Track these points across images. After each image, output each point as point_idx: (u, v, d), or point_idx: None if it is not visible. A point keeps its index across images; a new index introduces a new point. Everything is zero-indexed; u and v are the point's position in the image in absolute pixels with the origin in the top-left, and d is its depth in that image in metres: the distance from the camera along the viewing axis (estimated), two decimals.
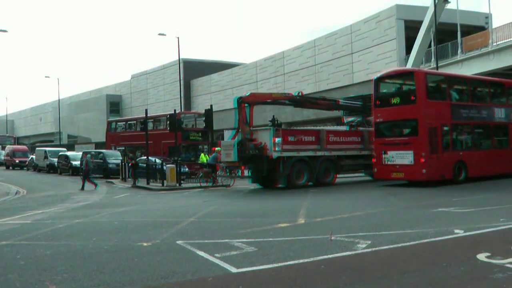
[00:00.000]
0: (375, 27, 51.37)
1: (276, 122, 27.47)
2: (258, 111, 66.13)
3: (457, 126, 24.88)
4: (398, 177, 23.91)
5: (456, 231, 10.56)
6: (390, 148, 23.87)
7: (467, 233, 10.34)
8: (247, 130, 24.95)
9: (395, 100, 24.37)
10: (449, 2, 40.96)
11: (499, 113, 26.76)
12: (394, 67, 34.07)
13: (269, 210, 16.17)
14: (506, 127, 27.14)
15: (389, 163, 23.82)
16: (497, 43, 38.06)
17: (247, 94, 26.80)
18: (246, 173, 28.88)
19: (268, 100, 28.63)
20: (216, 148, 29.54)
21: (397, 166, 23.47)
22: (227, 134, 29.81)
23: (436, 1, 38.71)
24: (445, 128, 23.91)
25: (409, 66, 45.72)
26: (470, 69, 38.01)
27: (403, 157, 23.21)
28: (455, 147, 24.48)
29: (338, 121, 57.57)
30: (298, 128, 41.85)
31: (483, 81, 28.88)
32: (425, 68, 44.09)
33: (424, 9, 45.28)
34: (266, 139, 24.66)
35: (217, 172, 29.37)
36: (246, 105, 25.43)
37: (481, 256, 8.08)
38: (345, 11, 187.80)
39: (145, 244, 10.22)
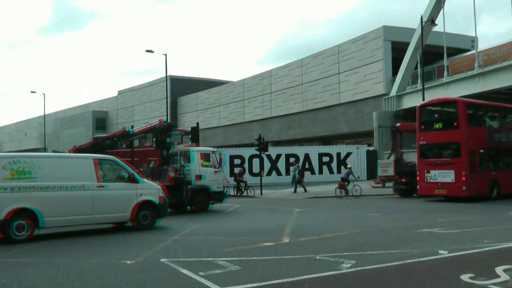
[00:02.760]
0: (363, 48, 51.72)
1: (262, 140, 27.84)
2: (245, 129, 66.30)
3: (492, 149, 27.67)
4: (440, 193, 26.42)
5: (441, 251, 10.59)
6: (433, 168, 26.45)
7: (451, 254, 10.37)
8: (400, 152, 31.58)
9: (438, 125, 27.38)
10: (436, 25, 41.34)
11: None
12: (438, 96, 35.26)
13: (255, 228, 16.11)
14: None
15: (432, 181, 26.38)
16: (483, 67, 38.43)
17: (397, 125, 33.34)
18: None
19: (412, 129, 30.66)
20: (348, 165, 34.90)
21: (439, 183, 26.03)
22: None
23: (423, 24, 39.07)
24: (482, 151, 26.60)
25: (395, 87, 46.11)
26: (456, 92, 38.24)
27: (445, 176, 25.81)
28: (489, 167, 27.04)
29: (325, 140, 57.87)
30: None
31: None
32: (411, 89, 44.48)
33: (411, 31, 45.68)
34: (414, 158, 29.32)
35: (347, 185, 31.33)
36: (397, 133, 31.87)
37: (465, 277, 8.11)
38: (332, 30, 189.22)
39: (128, 262, 10.13)
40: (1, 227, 13.26)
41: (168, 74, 55.70)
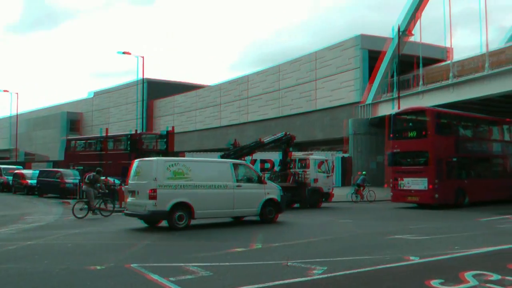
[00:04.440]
0: (339, 55, 52.07)
1: (238, 145, 28.02)
2: (221, 134, 66.13)
3: (461, 158, 27.87)
4: (413, 201, 26.95)
5: (412, 258, 10.65)
6: (405, 176, 27.02)
7: (422, 260, 10.44)
8: None
9: (410, 134, 27.93)
10: (412, 35, 41.84)
11: (496, 147, 31.50)
12: (409, 105, 35.90)
13: (224, 232, 16.06)
14: (502, 159, 31.72)
15: (404, 188, 26.84)
16: (457, 78, 38.90)
17: None
18: None
19: None
20: (363, 172, 34.27)
21: (412, 191, 26.45)
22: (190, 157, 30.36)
23: (400, 34, 39.49)
24: (452, 160, 27.12)
25: (371, 95, 46.48)
26: (430, 101, 38.67)
27: (417, 183, 26.25)
28: (459, 176, 27.52)
29: (301, 146, 57.93)
30: None
31: (483, 119, 32.78)
32: (386, 97, 44.84)
33: (388, 40, 46.07)
34: None
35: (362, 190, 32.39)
36: None
37: (435, 283, 8.17)
38: (307, 38, 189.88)
39: (98, 267, 9.97)
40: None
41: (144, 77, 55.39)
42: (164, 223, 17.15)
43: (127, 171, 18.23)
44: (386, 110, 41.88)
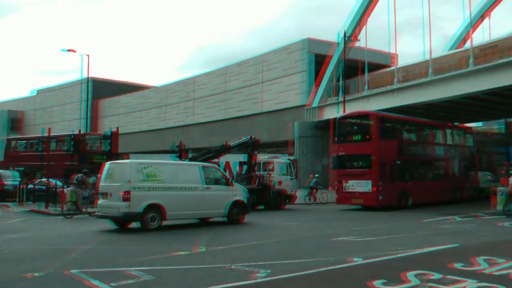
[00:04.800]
0: (286, 58, 52.41)
1: (183, 147, 28.07)
2: (167, 136, 65.51)
3: (404, 161, 28.71)
4: (357, 203, 27.46)
5: (355, 259, 10.74)
6: (348, 178, 27.55)
7: (366, 261, 10.54)
8: None
9: (354, 137, 28.61)
10: (358, 40, 42.42)
11: (438, 151, 32.23)
12: (354, 109, 36.52)
13: (167, 235, 15.89)
14: (444, 162, 32.60)
15: (349, 190, 27.40)
16: (402, 84, 39.65)
17: None
18: None
19: None
20: (316, 175, 34.73)
21: (357, 193, 26.99)
22: (134, 158, 30.11)
23: (346, 38, 40.00)
24: (395, 163, 27.74)
25: (317, 98, 46.91)
26: (375, 105, 39.34)
27: (362, 186, 26.78)
28: (402, 178, 28.10)
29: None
30: None
31: (425, 123, 34.28)
32: (332, 101, 45.33)
33: (334, 44, 46.59)
34: None
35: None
36: None
37: (377, 283, 8.27)
38: (254, 42, 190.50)
39: (36, 274, 9.61)
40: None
41: (89, 76, 54.39)
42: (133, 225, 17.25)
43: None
44: (332, 113, 42.33)
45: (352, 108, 38.89)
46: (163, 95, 72.17)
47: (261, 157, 31.58)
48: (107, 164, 18.11)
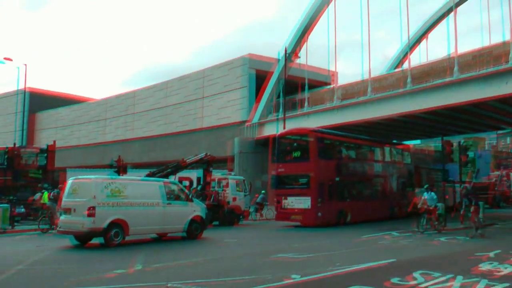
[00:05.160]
0: (227, 74, 52.43)
1: (122, 162, 27.72)
2: (106, 150, 64.40)
3: (343, 180, 28.52)
4: (296, 220, 27.09)
5: (293, 276, 10.68)
6: (289, 196, 27.31)
7: (304, 278, 10.52)
8: None
9: (293, 155, 28.70)
10: (299, 58, 42.84)
11: (377, 169, 32.60)
12: (294, 127, 36.70)
13: (105, 255, 15.50)
14: (382, 180, 33.00)
15: (288, 208, 27.17)
16: (342, 101, 40.19)
17: None
18: None
19: None
20: (262, 191, 34.94)
21: (295, 211, 26.78)
22: (72, 174, 29.51)
23: (287, 56, 40.35)
24: (334, 181, 27.60)
25: (257, 115, 47.02)
26: (316, 122, 39.63)
27: (300, 203, 26.62)
28: (341, 196, 28.18)
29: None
30: None
31: (364, 142, 34.12)
32: (272, 118, 45.53)
33: (276, 61, 46.89)
34: None
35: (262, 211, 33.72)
36: None
37: None
38: (199, 60, 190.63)
39: None
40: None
41: (26, 87, 52.95)
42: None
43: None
44: (272, 130, 42.47)
45: (293, 125, 39.11)
46: (102, 108, 71.04)
47: (199, 172, 31.43)
48: (70, 180, 18.12)
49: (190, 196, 20.71)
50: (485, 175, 60.82)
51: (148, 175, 25.38)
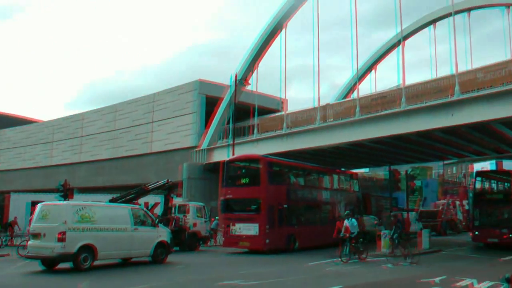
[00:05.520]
0: (177, 99, 52.16)
1: (68, 186, 27.43)
2: (51, 174, 62.98)
3: (292, 206, 28.59)
4: (244, 246, 26.98)
5: None
6: (236, 222, 27.17)
7: None
8: None
9: (242, 181, 28.67)
10: (249, 84, 42.96)
11: (325, 195, 33.03)
12: (244, 152, 37.29)
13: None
14: (331, 206, 33.14)
15: (236, 234, 26.95)
16: (291, 129, 40.37)
17: None
18: None
19: None
20: (216, 217, 34.67)
21: (244, 237, 26.59)
22: (16, 198, 29.74)
23: (237, 82, 40.41)
24: (283, 207, 27.62)
25: (207, 140, 46.82)
26: (265, 149, 39.60)
27: (249, 229, 26.49)
28: (290, 222, 28.07)
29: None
30: None
31: (313, 169, 34.77)
32: (222, 143, 45.41)
33: (226, 87, 46.91)
34: None
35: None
36: None
37: None
38: (150, 79, 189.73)
39: None
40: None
41: None
42: None
43: None
44: (221, 156, 42.28)
45: (242, 151, 39.13)
46: (49, 130, 69.53)
47: (148, 198, 31.39)
48: (40, 205, 18.19)
49: (156, 222, 21.27)
50: (432, 202, 61.94)
51: (111, 201, 25.45)
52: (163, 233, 20.87)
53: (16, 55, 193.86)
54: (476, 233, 31.95)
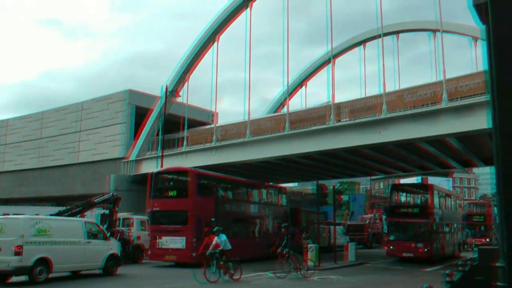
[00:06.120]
0: (106, 108, 51.20)
1: None
2: None
3: (220, 218, 28.09)
4: (171, 259, 26.72)
5: None
6: (164, 234, 26.89)
7: None
8: None
9: (171, 193, 28.41)
10: (179, 96, 42.64)
11: (254, 209, 33.18)
12: (173, 164, 37.19)
13: None
14: (259, 219, 33.50)
15: (163, 247, 26.70)
16: (220, 141, 40.22)
17: None
18: None
19: None
20: None
21: (170, 250, 26.39)
22: None
23: (167, 93, 40.02)
24: (211, 220, 27.12)
25: (135, 152, 46.09)
26: (194, 161, 39.32)
27: (175, 242, 26.33)
28: None
29: (59, 201, 55.01)
30: None
31: (241, 182, 34.84)
32: (150, 155, 44.80)
33: (157, 98, 46.42)
34: None
35: None
36: None
37: None
38: (80, 85, 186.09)
39: None
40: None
41: None
42: None
43: None
44: (150, 167, 41.68)
45: (171, 163, 38.86)
46: None
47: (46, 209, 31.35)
48: None
49: (108, 235, 21.90)
50: (360, 216, 63.08)
51: (57, 215, 25.60)
52: (113, 246, 21.48)
53: None
54: (391, 247, 32.09)
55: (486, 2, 3.22)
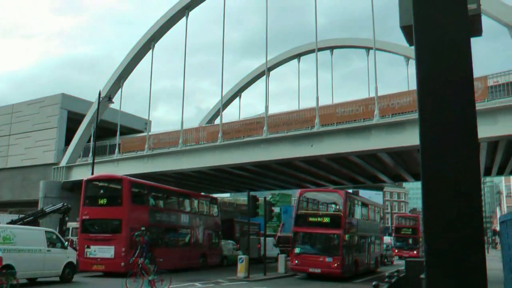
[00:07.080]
0: (38, 112, 50.04)
1: None
2: None
3: (154, 227, 28.20)
4: (99, 269, 26.37)
5: None
6: (94, 243, 26.51)
7: None
8: None
9: (103, 201, 28.11)
10: (113, 103, 42.11)
11: (188, 218, 33.35)
12: (104, 172, 36.78)
13: None
14: (193, 229, 33.63)
15: (91, 256, 26.33)
16: (153, 150, 39.94)
17: None
18: None
19: None
20: None
21: (99, 259, 26.07)
22: None
23: (101, 99, 39.50)
24: (141, 228, 25.84)
25: (66, 158, 45.18)
26: (126, 169, 38.85)
27: (105, 252, 26.05)
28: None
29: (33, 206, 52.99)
30: None
31: (174, 191, 34.52)
32: (82, 162, 44.05)
33: (90, 103, 45.72)
34: None
35: None
36: None
37: None
38: (13, 88, 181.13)
39: None
40: None
41: None
42: None
43: None
44: (81, 174, 40.97)
45: (102, 170, 38.39)
46: None
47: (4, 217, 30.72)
48: None
49: (66, 244, 22.85)
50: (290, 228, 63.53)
51: (9, 223, 26.34)
52: (71, 254, 22.65)
53: None
54: (296, 261, 28.43)
55: (411, 24, 3.43)
